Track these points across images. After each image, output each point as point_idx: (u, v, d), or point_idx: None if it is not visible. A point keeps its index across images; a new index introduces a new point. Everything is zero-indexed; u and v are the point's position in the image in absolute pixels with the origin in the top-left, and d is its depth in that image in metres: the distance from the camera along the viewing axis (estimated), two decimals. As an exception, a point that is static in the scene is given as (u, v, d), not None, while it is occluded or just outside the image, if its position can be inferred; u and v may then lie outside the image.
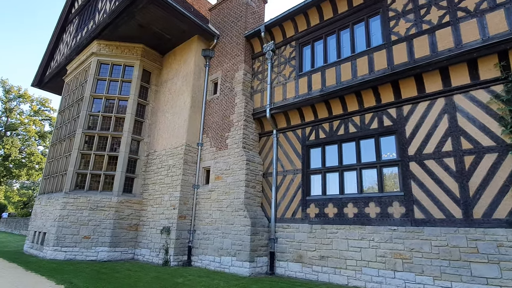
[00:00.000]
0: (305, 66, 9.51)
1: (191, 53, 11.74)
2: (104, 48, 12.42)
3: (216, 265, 9.06)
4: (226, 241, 9.04)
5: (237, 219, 8.96)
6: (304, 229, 8.39)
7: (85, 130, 11.53)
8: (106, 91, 12.04)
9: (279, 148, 9.70)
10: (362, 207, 7.51)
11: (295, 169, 9.11)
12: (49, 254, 10.14)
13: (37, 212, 12.35)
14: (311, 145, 9.00)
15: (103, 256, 10.26)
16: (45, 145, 44.72)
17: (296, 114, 9.41)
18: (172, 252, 9.58)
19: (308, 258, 8.11)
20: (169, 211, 10.23)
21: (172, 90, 12.10)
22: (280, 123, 9.81)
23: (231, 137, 10.05)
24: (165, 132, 11.66)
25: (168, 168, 10.92)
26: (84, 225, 10.44)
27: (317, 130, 8.94)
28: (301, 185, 8.82)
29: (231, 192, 9.42)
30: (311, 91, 8.94)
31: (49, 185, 12.46)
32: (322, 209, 8.22)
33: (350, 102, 8.27)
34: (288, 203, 8.99)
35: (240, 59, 10.73)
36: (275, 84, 9.98)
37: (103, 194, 10.90)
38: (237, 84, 10.51)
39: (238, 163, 9.51)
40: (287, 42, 10.05)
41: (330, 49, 9.03)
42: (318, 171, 8.69)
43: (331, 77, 8.58)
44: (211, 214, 9.78)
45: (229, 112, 10.47)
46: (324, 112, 8.82)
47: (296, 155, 9.20)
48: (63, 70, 14.89)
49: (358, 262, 7.22)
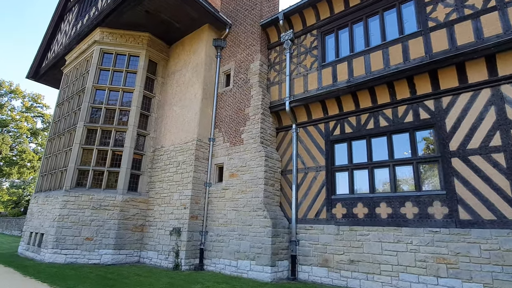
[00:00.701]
0: (328, 56, 8.88)
1: (202, 42, 11.03)
2: (107, 36, 11.62)
3: (232, 270, 8.37)
4: (243, 243, 8.35)
5: (256, 220, 8.28)
6: (330, 231, 7.75)
7: (87, 123, 10.71)
8: (109, 82, 11.24)
9: (299, 144, 9.06)
10: (397, 207, 6.90)
11: (318, 166, 8.47)
12: (47, 257, 9.31)
13: (33, 211, 11.48)
14: (335, 140, 8.37)
15: (107, 260, 9.47)
16: (37, 142, 43.40)
17: (318, 107, 8.78)
18: (183, 255, 8.86)
19: (335, 262, 7.47)
20: (179, 210, 9.49)
21: (180, 82, 11.36)
22: (300, 117, 9.17)
23: (247, 131, 9.37)
24: (173, 127, 10.92)
25: (177, 164, 10.18)
26: (86, 225, 9.64)
27: (342, 124, 8.32)
28: (325, 183, 8.19)
29: (248, 191, 8.74)
30: (336, 82, 8.31)
31: (47, 183, 11.60)
32: (350, 209, 7.59)
33: (381, 94, 7.67)
34: (311, 202, 8.35)
35: (256, 49, 10.06)
36: (295, 75, 9.34)
37: (106, 192, 10.11)
38: (253, 76, 9.83)
39: (256, 159, 8.84)
40: (307, 30, 9.41)
41: (357, 38, 8.42)
42: (344, 168, 8.06)
43: (359, 67, 7.97)
44: (225, 214, 9.09)
45: (244, 105, 9.78)
46: (350, 105, 8.20)
47: (319, 151, 8.56)
48: (61, 61, 14.00)
49: (395, 267, 6.61)
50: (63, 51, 13.56)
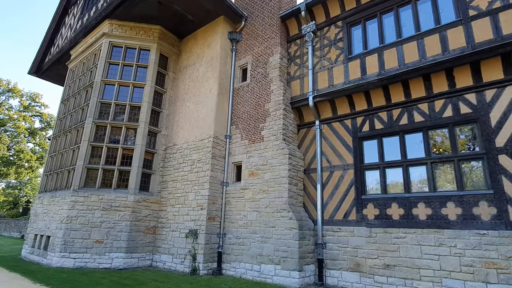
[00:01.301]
0: (355, 48, 8.42)
1: (217, 35, 10.52)
2: (116, 29, 11.08)
3: (255, 274, 7.86)
4: (266, 246, 7.85)
5: (280, 221, 7.78)
6: (361, 233, 7.27)
7: (96, 119, 10.16)
8: (119, 76, 10.69)
9: (323, 141, 8.58)
10: (437, 207, 6.44)
11: (345, 165, 7.99)
12: (55, 261, 8.74)
13: (38, 212, 10.89)
14: (364, 137, 7.90)
15: (119, 264, 8.92)
16: (35, 142, 42.56)
17: (344, 102, 8.31)
18: (201, 259, 8.33)
19: (368, 266, 6.99)
20: (196, 211, 8.97)
21: (193, 77, 10.85)
22: (324, 112, 8.69)
23: (268, 128, 8.88)
24: (187, 123, 10.39)
25: (192, 163, 9.66)
26: (96, 227, 9.08)
27: (371, 120, 7.85)
28: (354, 182, 7.72)
29: (271, 191, 8.24)
30: (365, 75, 7.85)
31: (52, 182, 11.02)
32: (383, 209, 7.12)
33: (416, 87, 7.21)
34: (338, 203, 7.87)
35: (275, 42, 9.57)
36: (318, 69, 8.86)
37: (117, 192, 9.55)
38: (273, 70, 9.35)
39: (278, 157, 8.34)
40: (331, 22, 8.95)
41: (387, 29, 7.96)
42: (375, 166, 7.59)
43: (392, 59, 7.51)
44: (245, 215, 8.58)
45: (263, 101, 9.29)
46: (380, 100, 7.74)
47: (346, 149, 8.09)
48: (66, 56, 13.43)
49: (437, 272, 6.14)
50: (68, 45, 12.99)
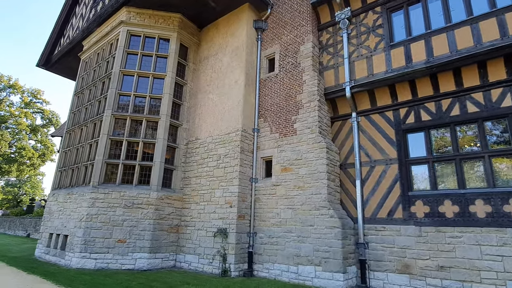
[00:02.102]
0: (397, 35, 7.89)
1: (242, 23, 9.96)
2: (134, 17, 10.51)
3: (292, 276, 7.35)
4: (304, 246, 7.34)
5: (319, 220, 7.27)
6: (409, 232, 6.77)
7: (115, 111, 9.60)
8: (138, 67, 10.13)
9: (361, 134, 8.06)
10: (498, 204, 5.94)
11: (388, 159, 7.48)
12: (75, 262, 8.21)
13: (52, 210, 10.33)
14: (409, 129, 7.39)
15: (142, 264, 8.39)
16: (36, 139, 41.86)
17: (385, 93, 7.79)
18: (232, 260, 7.81)
19: (418, 268, 6.49)
20: (224, 209, 8.45)
21: (216, 68, 10.29)
22: (362, 104, 8.17)
23: (301, 120, 8.35)
24: (210, 116, 9.85)
25: (217, 158, 9.12)
26: (117, 226, 8.55)
27: (417, 111, 7.34)
28: (399, 178, 7.21)
29: (307, 187, 7.73)
30: (410, 63, 7.32)
31: (67, 178, 10.46)
32: (434, 207, 6.62)
33: (469, 75, 6.70)
34: (381, 200, 7.36)
35: (306, 30, 9.04)
36: (355, 57, 8.33)
37: (139, 188, 9.01)
38: (305, 59, 8.81)
39: (314, 151, 7.83)
40: (369, 8, 8.41)
41: (433, 14, 7.44)
42: (422, 161, 7.09)
43: (441, 45, 6.98)
44: (278, 213, 8.06)
45: (295, 92, 8.76)
46: (427, 89, 7.23)
47: (388, 142, 7.58)
48: (78, 47, 12.84)
49: (500, 274, 5.66)
50: (81, 36, 12.39)
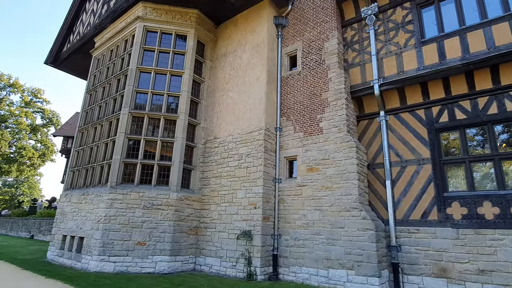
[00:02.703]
0: (428, 31, 7.67)
1: (262, 20, 9.71)
2: (151, 12, 10.23)
3: (322, 280, 7.09)
4: (334, 249, 7.09)
5: (350, 222, 7.03)
6: (445, 234, 6.54)
7: (132, 110, 9.31)
8: (155, 63, 9.85)
9: (390, 133, 7.84)
10: (543, 206, 5.73)
11: (420, 159, 7.26)
12: (93, 265, 7.90)
13: (65, 211, 10.01)
14: (443, 128, 7.17)
15: (163, 268, 8.10)
16: (36, 139, 41.34)
17: (416, 91, 7.57)
18: (258, 263, 7.55)
19: (456, 272, 6.26)
20: (247, 211, 8.18)
21: (235, 65, 10.03)
22: (391, 102, 7.95)
23: (327, 119, 8.11)
24: (230, 115, 9.58)
25: (239, 158, 8.86)
26: (137, 228, 8.26)
27: (451, 109, 7.12)
28: (433, 179, 6.98)
29: (335, 187, 7.48)
30: (444, 60, 7.11)
31: (81, 178, 10.15)
32: (472, 208, 6.39)
33: (507, 73, 6.49)
34: (414, 201, 7.13)
35: (331, 26, 8.81)
36: (383, 54, 8.11)
37: (158, 189, 8.73)
38: (330, 56, 8.58)
39: (343, 150, 7.59)
40: (397, 3, 8.19)
41: (466, 9, 7.23)
42: (458, 161, 6.87)
43: (478, 42, 6.77)
44: (304, 214, 7.81)
45: (319, 90, 8.52)
46: (462, 87, 7.01)
47: (420, 141, 7.35)
48: (89, 44, 12.53)
49: (548, 279, 5.45)
50: (92, 32, 12.10)
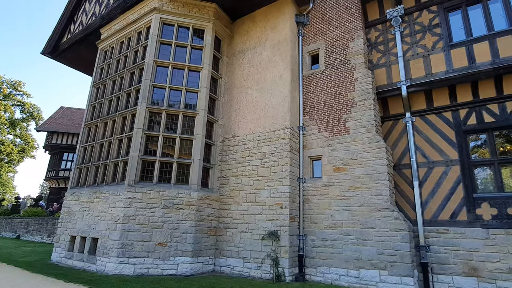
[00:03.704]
0: (455, 35, 7.81)
1: (284, 17, 9.58)
2: (167, 4, 9.86)
3: (352, 281, 7.07)
4: (365, 249, 7.08)
5: (382, 222, 7.05)
6: (475, 235, 6.68)
7: (150, 105, 8.93)
8: (172, 58, 9.49)
9: (417, 135, 7.93)
10: None
11: (448, 160, 7.38)
12: (111, 268, 7.51)
13: (72, 211, 9.47)
14: (470, 130, 7.33)
15: (185, 269, 7.82)
16: (15, 133, 39.22)
17: (444, 93, 7.70)
18: (286, 264, 7.43)
19: (487, 271, 6.41)
20: (273, 210, 8.04)
21: (255, 62, 9.84)
22: (417, 104, 8.05)
23: (354, 119, 8.10)
24: (250, 113, 9.39)
25: (262, 156, 8.70)
26: (157, 228, 7.93)
27: (479, 112, 7.28)
28: (462, 180, 7.12)
29: (365, 188, 7.48)
30: (474, 64, 7.26)
31: (90, 176, 9.63)
32: (502, 209, 6.57)
33: (536, 78, 6.72)
34: (443, 201, 7.25)
35: (355, 26, 8.81)
36: (410, 56, 8.19)
37: (178, 188, 8.42)
38: (355, 56, 8.57)
39: (372, 151, 7.60)
40: (423, 6, 8.29)
41: (494, 15, 7.41)
42: (487, 162, 7.04)
43: (507, 47, 6.95)
44: (332, 214, 7.77)
45: (345, 89, 8.50)
46: (490, 91, 7.19)
47: (448, 143, 7.48)
48: (94, 35, 11.95)
49: None
50: (99, 23, 11.53)
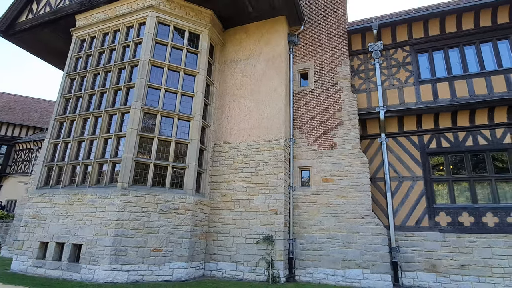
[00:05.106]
0: (423, 73, 9.49)
1: (279, 34, 10.25)
2: (164, 3, 9.66)
3: (338, 279, 8.01)
4: (350, 251, 8.11)
5: (364, 227, 8.17)
6: (434, 238, 8.25)
7: (145, 105, 8.64)
8: (168, 59, 9.33)
9: (389, 153, 9.35)
10: (503, 216, 7.88)
11: (414, 176, 8.92)
12: (102, 276, 7.09)
13: (43, 214, 8.50)
14: (432, 152, 8.99)
15: (180, 275, 7.79)
16: None
17: (412, 120, 9.28)
18: (281, 266, 8.01)
19: (443, 267, 7.99)
20: (267, 216, 8.55)
21: (248, 73, 10.27)
22: (390, 127, 9.49)
23: (341, 136, 9.16)
24: (243, 121, 9.77)
25: (256, 164, 9.15)
26: (153, 233, 7.74)
27: (438, 138, 8.99)
28: (425, 193, 8.69)
29: (350, 197, 8.55)
30: (437, 99, 8.95)
31: (67, 176, 8.78)
32: (455, 217, 8.26)
33: (480, 116, 8.65)
34: (410, 210, 8.71)
35: (343, 53, 9.95)
36: (387, 86, 9.62)
37: (174, 192, 8.33)
38: (343, 80, 9.69)
39: (357, 165, 8.73)
40: (398, 45, 9.84)
41: (453, 62, 9.27)
42: (444, 180, 8.73)
43: (462, 89, 8.79)
44: (320, 220, 8.64)
45: (333, 109, 9.53)
46: (447, 122, 8.96)
47: (414, 162, 9.03)
48: (66, 20, 10.90)
49: (506, 269, 7.52)
50: (75, 8, 10.59)
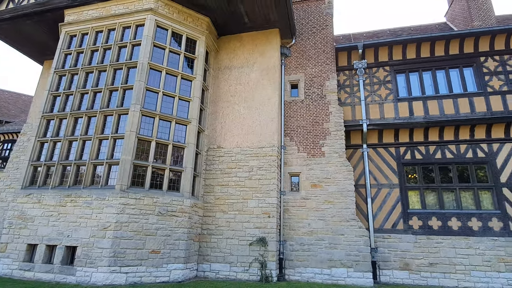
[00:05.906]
0: (401, 91, 10.58)
1: (273, 46, 10.79)
2: (163, 7, 9.75)
3: (325, 278, 8.70)
4: (336, 252, 8.84)
5: (349, 230, 8.95)
6: (408, 239, 9.27)
7: (143, 108, 8.67)
8: (166, 63, 9.43)
9: (370, 162, 10.29)
10: (465, 221, 9.11)
11: (391, 184, 9.93)
12: (100, 278, 7.06)
13: (30, 215, 8.15)
14: (406, 163, 10.06)
15: (177, 276, 7.96)
16: None
17: (390, 133, 10.30)
18: (273, 266, 8.50)
19: (415, 265, 9.02)
20: (260, 219, 9.01)
21: (242, 81, 10.66)
22: (371, 138, 10.44)
23: (329, 145, 9.91)
24: (237, 128, 10.14)
25: (249, 169, 9.57)
26: (151, 235, 7.83)
27: (412, 151, 10.10)
28: (400, 199, 9.72)
29: (336, 202, 9.30)
30: (412, 116, 10.05)
31: (56, 176, 8.50)
32: (425, 221, 9.36)
33: (448, 132, 9.89)
34: (387, 215, 9.68)
35: (331, 68, 10.76)
36: (369, 101, 10.58)
37: (171, 195, 8.46)
38: (331, 93, 10.47)
39: (343, 172, 9.52)
40: (380, 65, 10.87)
41: (426, 83, 10.46)
42: (416, 188, 9.83)
43: (434, 108, 9.98)
44: (309, 223, 9.28)
45: (321, 120, 10.26)
46: (420, 136, 10.10)
47: (392, 171, 10.05)
48: (53, 13, 10.52)
49: (467, 266, 8.72)
50: (66, 2, 10.24)
